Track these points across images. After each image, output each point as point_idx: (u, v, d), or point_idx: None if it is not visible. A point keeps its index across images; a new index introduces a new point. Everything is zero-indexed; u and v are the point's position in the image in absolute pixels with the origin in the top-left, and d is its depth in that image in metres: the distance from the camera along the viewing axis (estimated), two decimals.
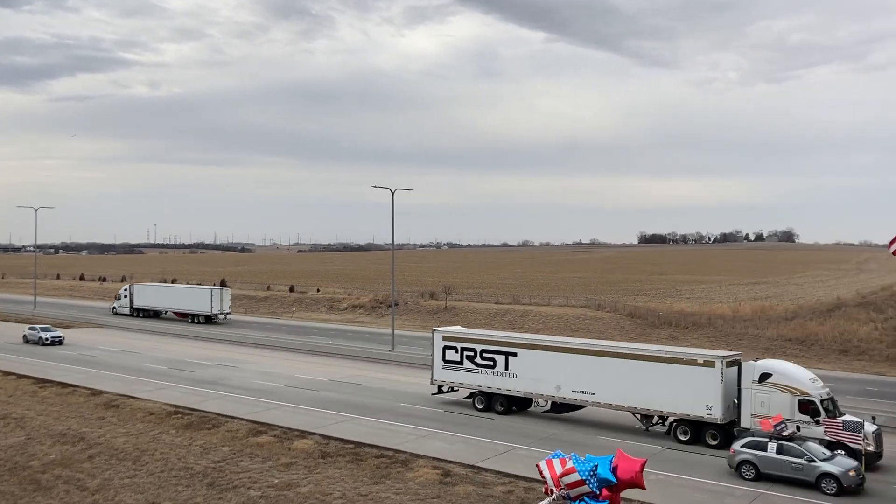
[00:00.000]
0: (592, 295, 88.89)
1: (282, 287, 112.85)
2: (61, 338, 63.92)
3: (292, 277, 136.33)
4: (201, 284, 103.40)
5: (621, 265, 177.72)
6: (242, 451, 31.19)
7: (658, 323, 68.01)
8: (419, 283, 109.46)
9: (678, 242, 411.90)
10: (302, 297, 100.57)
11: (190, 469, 28.86)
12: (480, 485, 26.37)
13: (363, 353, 58.05)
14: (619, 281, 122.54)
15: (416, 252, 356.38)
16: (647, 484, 26.49)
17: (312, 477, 27.65)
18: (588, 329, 69.31)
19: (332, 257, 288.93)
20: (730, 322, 65.59)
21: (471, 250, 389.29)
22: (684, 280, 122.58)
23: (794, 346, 58.21)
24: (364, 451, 30.74)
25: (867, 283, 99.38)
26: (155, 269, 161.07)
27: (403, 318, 78.76)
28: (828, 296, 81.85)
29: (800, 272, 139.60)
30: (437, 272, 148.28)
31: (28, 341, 63.89)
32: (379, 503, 24.96)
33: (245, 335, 69.38)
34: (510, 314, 77.78)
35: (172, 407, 38.77)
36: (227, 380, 47.17)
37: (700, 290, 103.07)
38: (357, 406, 39.44)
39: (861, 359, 54.20)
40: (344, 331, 74.08)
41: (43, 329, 64.74)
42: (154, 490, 26.66)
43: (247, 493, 25.98)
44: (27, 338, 64.20)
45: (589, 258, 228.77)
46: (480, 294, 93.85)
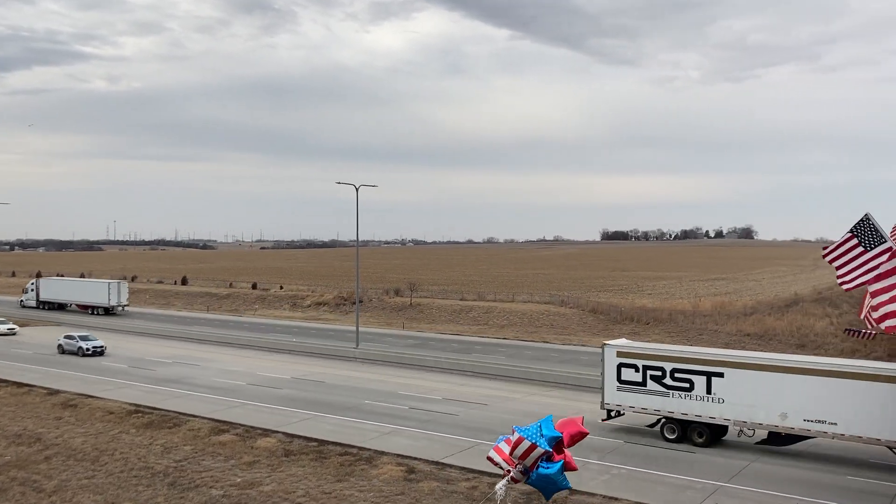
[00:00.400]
0: (556, 291, 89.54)
1: (244, 284, 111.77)
2: (103, 347, 56.04)
3: (255, 274, 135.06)
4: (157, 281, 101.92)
5: (584, 262, 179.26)
6: (204, 450, 30.86)
7: (620, 319, 68.76)
8: (384, 280, 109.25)
9: (640, 239, 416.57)
10: (265, 295, 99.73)
11: (150, 469, 28.48)
12: (444, 481, 26.43)
13: (327, 351, 57.78)
14: (582, 277, 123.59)
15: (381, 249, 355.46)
16: (609, 478, 26.87)
17: (276, 475, 27.47)
18: (552, 325, 69.84)
19: (295, 254, 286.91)
20: (690, 317, 66.55)
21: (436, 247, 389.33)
22: (646, 276, 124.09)
23: (752, 340, 59.25)
24: (328, 448, 30.62)
25: (823, 278, 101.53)
26: (114, 267, 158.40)
27: (368, 315, 78.55)
28: (785, 291, 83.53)
29: (758, 268, 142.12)
30: (402, 269, 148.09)
31: (65, 351, 55.95)
32: (343, 501, 24.88)
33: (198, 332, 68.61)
34: (475, 310, 78.02)
35: (133, 406, 38.21)
36: (188, 378, 46.61)
37: (661, 286, 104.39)
38: (321, 404, 39.25)
39: (817, 353, 55.24)
40: (307, 328, 73.64)
41: (82, 338, 56.45)
42: (113, 490, 26.26)
43: (209, 493, 25.72)
44: (63, 348, 56.10)
45: (553, 255, 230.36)
46: (445, 291, 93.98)
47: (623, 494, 24.98)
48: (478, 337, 66.68)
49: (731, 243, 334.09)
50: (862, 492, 25.26)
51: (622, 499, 24.55)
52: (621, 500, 24.48)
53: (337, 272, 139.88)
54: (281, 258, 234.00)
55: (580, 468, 27.80)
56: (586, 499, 24.66)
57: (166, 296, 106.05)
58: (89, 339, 56.25)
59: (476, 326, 72.38)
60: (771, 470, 28.01)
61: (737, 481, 26.60)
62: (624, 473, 27.49)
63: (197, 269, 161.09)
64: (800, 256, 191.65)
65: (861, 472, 27.50)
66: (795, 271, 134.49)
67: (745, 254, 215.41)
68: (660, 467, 28.19)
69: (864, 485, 25.97)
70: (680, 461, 28.98)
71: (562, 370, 48.26)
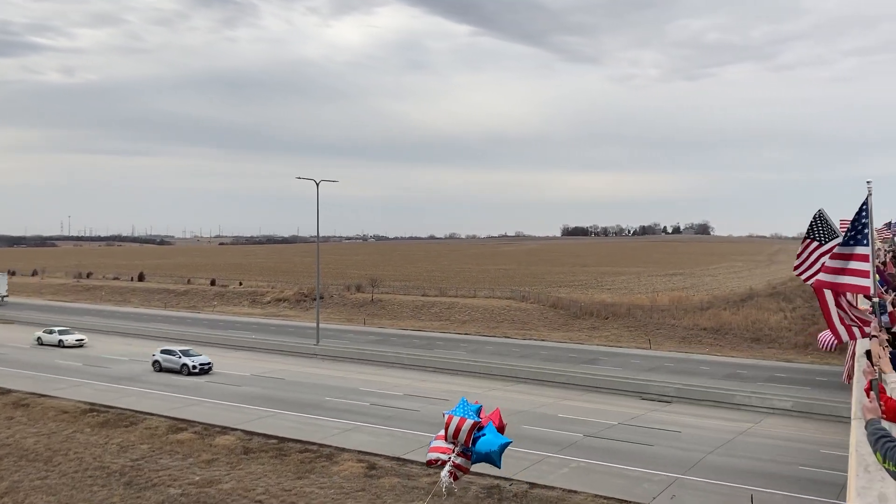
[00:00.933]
0: (517, 286, 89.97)
1: (203, 280, 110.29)
2: (210, 364, 47.33)
3: (213, 270, 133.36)
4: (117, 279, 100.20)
5: (545, 257, 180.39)
6: (162, 448, 30.45)
7: (580, 313, 69.40)
8: (345, 276, 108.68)
9: (599, 235, 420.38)
10: (224, 291, 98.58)
11: (106, 468, 28.01)
12: (406, 476, 26.44)
13: (287, 348, 57.32)
14: (543, 272, 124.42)
15: (343, 245, 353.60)
16: (568, 472, 27.13)
17: (235, 473, 27.21)
18: (513, 320, 70.23)
19: (254, 250, 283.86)
20: (648, 312, 67.46)
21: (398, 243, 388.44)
22: (605, 272, 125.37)
23: (708, 334, 60.31)
24: (288, 446, 30.42)
25: (777, 273, 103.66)
26: (69, 263, 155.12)
27: (329, 312, 78.09)
28: (741, 286, 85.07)
29: (715, 264, 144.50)
30: (364, 265, 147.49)
31: (162, 369, 47.17)
32: (303, 498, 24.75)
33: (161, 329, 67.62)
34: (437, 306, 78.07)
35: (87, 405, 37.50)
36: (145, 376, 45.89)
37: (620, 281, 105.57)
38: (281, 401, 38.95)
39: (771, 346, 56.55)
40: (267, 325, 73.00)
41: (184, 353, 47.83)
42: (67, 491, 25.76)
43: (166, 492, 25.39)
44: (161, 364, 47.28)
45: (514, 250, 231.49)
46: (407, 286, 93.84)
47: (582, 488, 25.26)
48: (439, 332, 66.77)
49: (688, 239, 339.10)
50: (813, 481, 25.89)
51: (581, 492, 24.82)
52: (580, 493, 24.75)
53: (297, 268, 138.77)
54: (240, 254, 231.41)
55: (539, 461, 28.10)
56: (545, 492, 24.88)
57: (123, 292, 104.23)
58: (192, 355, 47.92)
59: (438, 322, 72.47)
60: (726, 462, 28.57)
61: (693, 473, 27.07)
62: (583, 467, 27.79)
63: (154, 265, 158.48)
64: (755, 252, 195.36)
65: (814, 463, 28.16)
66: (750, 266, 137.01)
67: (701, 249, 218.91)
68: (618, 460, 28.55)
69: (816, 474, 26.62)
70: (638, 454, 29.38)
71: (522, 365, 48.58)
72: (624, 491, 25.01)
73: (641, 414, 36.47)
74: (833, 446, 28.92)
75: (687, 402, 38.92)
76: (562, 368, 47.30)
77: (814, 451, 29.73)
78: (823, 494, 24.48)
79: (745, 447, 30.52)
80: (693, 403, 38.77)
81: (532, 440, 31.15)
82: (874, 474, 6.30)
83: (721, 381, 43.91)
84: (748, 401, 38.29)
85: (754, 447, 30.51)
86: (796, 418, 35.63)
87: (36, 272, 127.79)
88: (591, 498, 24.30)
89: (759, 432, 33.11)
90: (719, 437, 32.04)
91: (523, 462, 28.00)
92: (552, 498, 24.41)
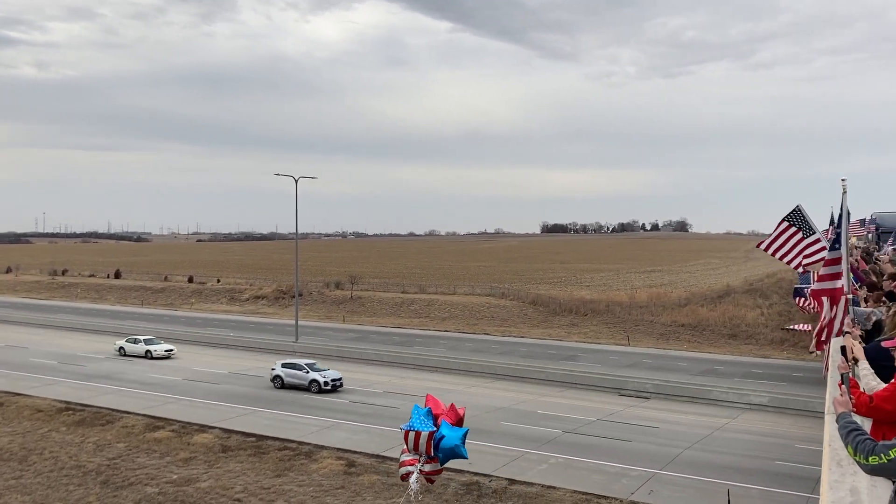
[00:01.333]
0: (497, 283, 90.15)
1: (180, 278, 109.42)
2: (340, 380, 41.45)
3: (191, 267, 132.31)
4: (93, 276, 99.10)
5: (524, 254, 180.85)
6: (139, 447, 30.19)
7: (559, 310, 69.67)
8: (324, 273, 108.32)
9: (578, 232, 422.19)
10: (201, 288, 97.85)
11: (82, 467, 27.72)
12: (385, 474, 26.40)
13: (266, 345, 57.02)
14: (523, 270, 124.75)
15: (322, 241, 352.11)
16: (547, 468, 27.23)
17: (213, 471, 27.05)
18: (492, 317, 70.35)
19: (233, 247, 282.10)
20: (626, 309, 67.86)
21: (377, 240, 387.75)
22: (584, 268, 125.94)
23: (686, 331, 60.77)
24: (266, 444, 30.28)
25: (754, 270, 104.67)
26: (44, 260, 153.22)
27: (308, 309, 77.78)
28: (718, 283, 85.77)
29: (692, 260, 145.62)
30: (343, 262, 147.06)
31: (284, 385, 41.41)
32: (282, 496, 24.65)
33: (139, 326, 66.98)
34: (416, 303, 78.02)
35: (63, 403, 37.10)
36: (122, 374, 45.46)
37: (599, 278, 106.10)
38: (259, 399, 38.76)
39: (748, 342, 57.10)
40: (246, 322, 72.57)
41: (311, 366, 42.04)
42: (42, 491, 25.47)
43: (143, 490, 25.18)
44: (283, 380, 41.76)
45: (493, 247, 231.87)
46: (387, 283, 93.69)
47: (561, 483, 25.37)
48: (419, 330, 66.73)
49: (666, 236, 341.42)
50: (789, 476, 26.19)
51: (560, 488, 24.92)
52: (559, 489, 24.86)
53: (276, 265, 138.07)
54: (218, 251, 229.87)
55: (518, 457, 28.19)
56: (524, 489, 24.97)
57: (99, 290, 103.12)
58: (319, 368, 42.43)
59: (417, 319, 72.42)
60: (703, 457, 28.82)
61: (671, 468, 27.28)
62: (562, 463, 27.91)
63: (131, 262, 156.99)
64: (732, 249, 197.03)
65: (789, 457, 28.48)
66: (728, 263, 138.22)
67: (679, 246, 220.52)
68: (597, 456, 28.70)
69: (791, 469, 26.92)
70: (616, 450, 29.55)
71: (502, 361, 48.67)
72: (602, 486, 25.16)
73: (620, 410, 36.68)
74: (808, 441, 29.25)
75: (665, 398, 39.21)
76: (541, 365, 47.46)
77: (789, 445, 30.06)
78: (798, 489, 24.77)
79: (722, 442, 30.81)
80: (671, 399, 39.06)
81: (511, 436, 31.25)
82: (846, 468, 6.37)
83: (698, 377, 44.27)
84: (725, 396, 38.65)
85: (731, 442, 30.80)
86: (772, 413, 36.01)
87: (10, 269, 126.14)
88: (570, 494, 24.42)
89: (736, 427, 33.43)
90: (697, 432, 32.31)
91: (502, 458, 28.09)
92: (531, 494, 24.51)
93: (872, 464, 3.87)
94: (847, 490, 6.13)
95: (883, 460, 3.80)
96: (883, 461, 3.80)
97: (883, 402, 5.50)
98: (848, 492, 6.10)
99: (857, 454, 3.98)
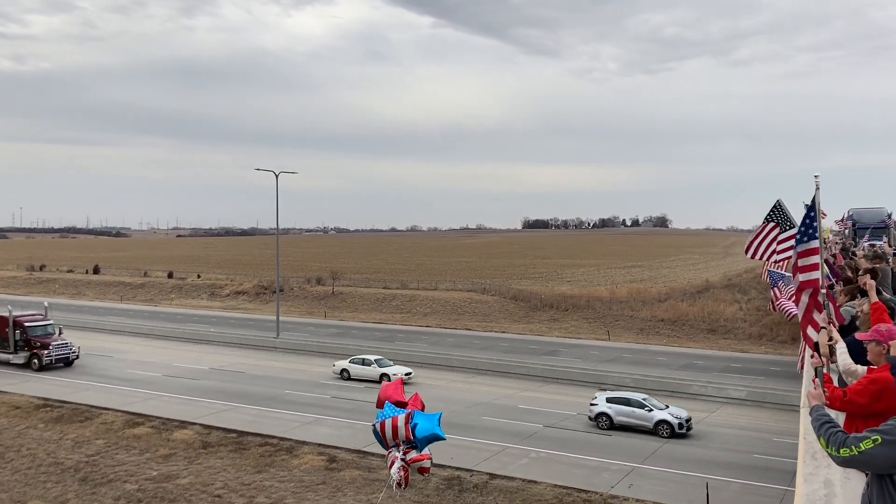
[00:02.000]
0: (478, 279, 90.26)
1: (160, 273, 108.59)
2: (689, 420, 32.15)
3: (171, 263, 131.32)
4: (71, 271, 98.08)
5: (506, 250, 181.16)
6: (118, 443, 30.00)
7: (540, 305, 69.90)
8: (305, 269, 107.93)
9: (559, 228, 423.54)
10: (182, 284, 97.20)
11: (60, 464, 27.51)
12: (366, 469, 26.43)
13: (247, 341, 56.79)
14: (504, 265, 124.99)
15: (303, 237, 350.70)
16: (528, 462, 27.37)
17: (193, 468, 26.93)
18: (474, 312, 70.47)
19: (213, 242, 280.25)
20: (607, 304, 68.23)
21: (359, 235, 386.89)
22: (565, 264, 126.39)
23: (666, 326, 61.22)
24: (247, 440, 30.19)
25: (733, 266, 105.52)
26: (21, 255, 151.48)
27: (289, 305, 77.51)
28: (697, 278, 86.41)
29: (672, 256, 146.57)
30: (324, 257, 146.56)
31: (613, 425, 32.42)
32: (263, 492, 24.60)
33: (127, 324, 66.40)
34: (398, 299, 77.98)
35: (41, 400, 36.76)
36: (101, 370, 45.09)
37: (580, 273, 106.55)
38: (240, 394, 38.61)
39: (727, 337, 57.62)
40: (226, 318, 72.19)
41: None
42: (20, 488, 25.25)
43: (123, 487, 25.03)
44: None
45: (475, 243, 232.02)
46: (368, 279, 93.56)
47: (541, 478, 25.51)
48: (401, 325, 66.72)
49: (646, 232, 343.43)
50: (766, 469, 26.51)
51: (541, 482, 25.07)
52: (540, 483, 25.00)
53: (256, 260, 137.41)
54: (198, 246, 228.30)
55: (499, 452, 28.31)
56: (505, 483, 25.09)
57: (77, 285, 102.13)
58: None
59: (399, 315, 72.40)
60: (682, 451, 29.08)
61: (650, 462, 27.51)
62: (542, 457, 28.06)
63: (110, 257, 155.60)
64: (711, 244, 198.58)
65: (767, 451, 28.80)
66: (707, 259, 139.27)
67: (659, 242, 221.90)
68: (577, 450, 28.89)
69: (769, 462, 27.24)
70: (596, 444, 29.75)
71: (483, 357, 48.80)
72: (583, 480, 25.33)
73: None
74: (785, 434, 29.59)
75: (645, 393, 39.41)
76: (522, 360, 47.63)
77: (766, 439, 30.40)
78: (776, 481, 25.08)
79: (701, 436, 31.09)
80: (651, 394, 39.27)
81: (493, 431, 31.37)
82: (820, 461, 6.49)
83: (678, 372, 44.64)
84: (704, 391, 38.99)
85: (710, 436, 31.10)
86: (750, 407, 36.40)
87: None
88: (551, 488, 24.57)
89: (715, 421, 33.75)
90: None
91: (484, 453, 28.20)
92: (512, 488, 24.63)
93: (843, 456, 3.96)
94: (821, 482, 6.25)
95: (854, 452, 3.88)
96: (854, 453, 3.88)
97: (856, 396, 5.60)
98: (822, 484, 6.22)
99: (829, 446, 4.06)
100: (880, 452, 3.75)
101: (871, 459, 3.82)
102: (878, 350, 5.88)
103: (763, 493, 24.35)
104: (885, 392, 5.48)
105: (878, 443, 3.76)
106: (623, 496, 23.99)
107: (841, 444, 3.96)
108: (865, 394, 5.60)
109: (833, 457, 4.07)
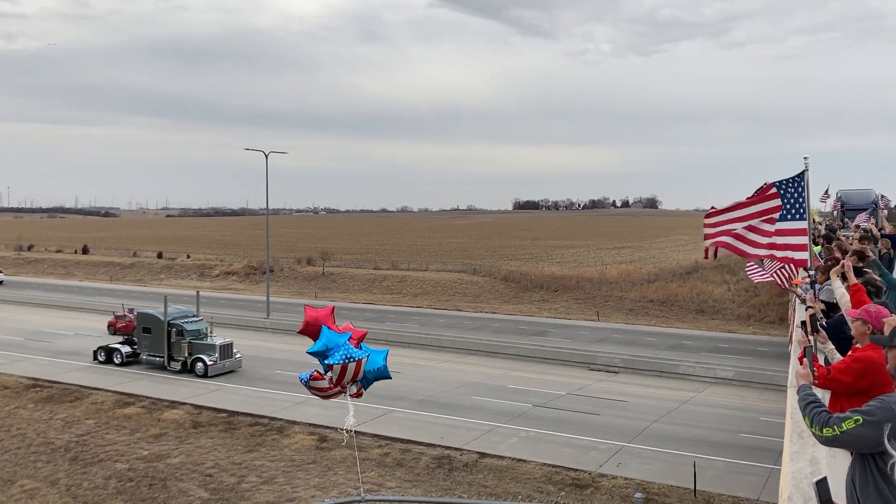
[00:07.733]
0: (469, 260, 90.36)
1: (149, 253, 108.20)
2: None
3: (160, 243, 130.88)
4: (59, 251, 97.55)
5: (496, 231, 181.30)
6: (108, 423, 30.02)
7: (530, 286, 70.10)
8: (295, 249, 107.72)
9: (550, 209, 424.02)
10: (171, 264, 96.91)
11: (50, 444, 27.53)
12: (357, 448, 26.55)
13: (237, 321, 56.71)
14: (495, 246, 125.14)
15: (293, 217, 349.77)
16: (517, 441, 27.57)
17: (184, 447, 27.00)
18: (464, 293, 70.61)
19: (203, 222, 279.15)
20: (597, 285, 68.46)
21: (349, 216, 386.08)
22: (555, 245, 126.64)
23: (655, 306, 61.52)
24: (238, 419, 30.27)
25: None
26: (9, 235, 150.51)
27: (279, 285, 77.43)
28: (687, 259, 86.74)
29: (662, 237, 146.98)
30: (315, 238, 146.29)
31: None
32: (253, 471, 24.70)
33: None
34: (389, 280, 78.02)
35: (30, 380, 36.70)
36: (90, 350, 44.97)
37: (570, 254, 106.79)
38: (230, 375, 38.65)
39: (715, 318, 57.97)
40: (216, 298, 72.04)
41: None
42: (10, 468, 25.27)
43: (113, 467, 25.08)
44: None
45: (466, 224, 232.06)
46: (359, 260, 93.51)
47: (531, 457, 25.71)
48: (391, 306, 66.79)
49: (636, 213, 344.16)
50: (753, 448, 26.78)
51: (530, 461, 25.26)
52: (529, 461, 25.20)
53: (247, 241, 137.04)
54: (188, 226, 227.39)
55: (489, 431, 28.49)
56: (495, 462, 25.28)
57: (66, 265, 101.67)
58: None
59: (390, 295, 72.46)
60: (670, 430, 29.33)
61: (639, 441, 27.75)
62: (532, 436, 28.26)
63: (99, 237, 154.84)
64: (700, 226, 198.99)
65: (754, 430, 29.09)
66: (696, 240, 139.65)
67: (649, 223, 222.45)
68: (566, 430, 29.09)
69: (755, 441, 27.52)
70: (585, 423, 29.97)
71: (473, 337, 48.96)
72: (572, 459, 25.54)
73: (589, 384, 37.15)
74: (772, 414, 29.88)
75: (633, 373, 39.74)
76: (512, 340, 47.83)
77: (754, 418, 30.69)
78: (762, 460, 25.36)
79: (689, 415, 31.36)
80: (639, 374, 39.61)
81: (482, 411, 31.54)
82: (806, 440, 6.57)
83: (666, 352, 44.93)
84: (692, 371, 39.29)
85: (697, 415, 31.38)
86: (738, 387, 36.70)
87: None
88: (540, 466, 24.77)
89: (702, 401, 34.03)
90: (664, 405, 32.84)
91: (473, 432, 28.38)
92: (502, 467, 24.82)
93: (826, 435, 4.00)
94: (807, 460, 6.33)
95: (836, 432, 3.93)
96: (836, 433, 3.93)
97: (840, 374, 5.66)
98: (808, 462, 6.29)
99: (814, 426, 4.11)
100: (861, 432, 3.80)
101: (852, 439, 3.87)
102: (864, 329, 5.94)
103: (750, 472, 24.63)
104: (868, 371, 5.55)
105: (860, 423, 3.80)
106: (612, 474, 24.22)
107: (824, 424, 4.00)
108: (849, 372, 5.67)
109: (816, 436, 4.13)
